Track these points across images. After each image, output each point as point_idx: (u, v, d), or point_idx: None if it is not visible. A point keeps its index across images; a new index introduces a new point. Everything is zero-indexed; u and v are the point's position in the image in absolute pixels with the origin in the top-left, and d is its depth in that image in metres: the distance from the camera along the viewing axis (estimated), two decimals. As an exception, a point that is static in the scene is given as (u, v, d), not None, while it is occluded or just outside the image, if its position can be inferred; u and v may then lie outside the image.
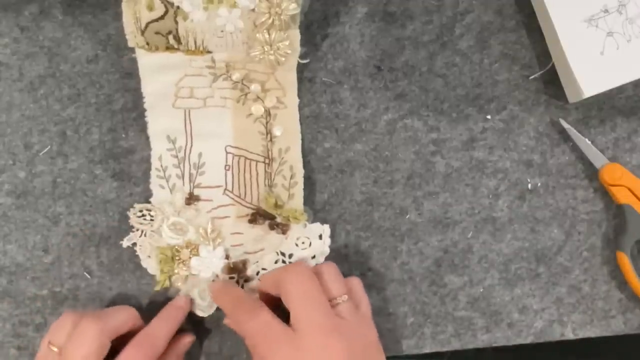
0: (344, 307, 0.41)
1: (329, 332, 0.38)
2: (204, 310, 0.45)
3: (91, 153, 0.47)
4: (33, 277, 0.47)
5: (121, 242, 0.46)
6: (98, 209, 0.47)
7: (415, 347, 0.47)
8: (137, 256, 0.46)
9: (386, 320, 0.47)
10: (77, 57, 0.48)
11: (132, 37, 0.44)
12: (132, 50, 0.47)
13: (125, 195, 0.47)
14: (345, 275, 0.43)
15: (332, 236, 0.46)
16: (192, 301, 0.45)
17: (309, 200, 0.47)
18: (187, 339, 0.45)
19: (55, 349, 0.40)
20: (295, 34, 0.44)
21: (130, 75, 0.48)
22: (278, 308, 0.41)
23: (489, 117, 0.48)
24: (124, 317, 0.43)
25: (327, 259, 0.46)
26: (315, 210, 0.47)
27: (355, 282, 0.44)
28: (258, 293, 0.44)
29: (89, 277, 0.47)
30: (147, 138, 0.47)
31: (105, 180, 0.47)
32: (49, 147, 0.47)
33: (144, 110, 0.47)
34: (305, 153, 0.47)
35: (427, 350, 0.47)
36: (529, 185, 0.48)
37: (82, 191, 0.47)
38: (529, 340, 0.47)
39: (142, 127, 0.47)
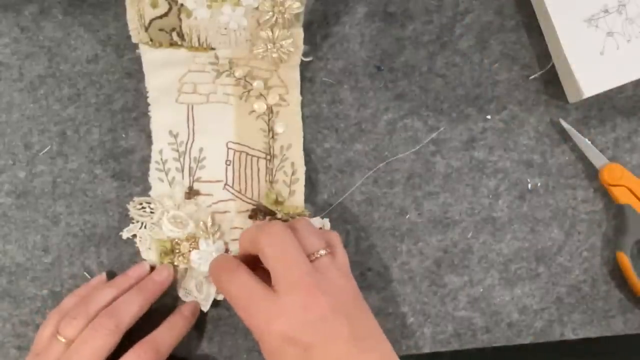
0: (322, 261, 0.39)
1: (310, 290, 0.37)
2: (200, 303, 0.45)
3: (91, 153, 0.47)
4: (33, 277, 0.47)
5: (121, 233, 0.46)
6: (98, 209, 0.47)
7: (415, 347, 0.47)
8: (137, 256, 0.46)
9: (386, 320, 0.47)
10: (77, 57, 0.48)
11: (136, 33, 0.45)
12: (133, 50, 0.47)
13: (125, 195, 0.47)
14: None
15: (332, 236, 0.46)
16: (198, 310, 0.45)
17: (309, 200, 0.47)
18: None
19: (64, 340, 0.41)
20: (299, 33, 0.45)
21: (130, 75, 0.48)
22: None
23: (489, 117, 0.48)
24: (136, 310, 0.42)
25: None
26: (315, 210, 0.47)
27: (333, 236, 0.42)
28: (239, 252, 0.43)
29: (89, 277, 0.47)
30: (147, 138, 0.47)
31: (105, 180, 0.47)
32: (49, 147, 0.47)
33: (144, 110, 0.47)
34: (306, 153, 0.47)
35: (427, 350, 0.47)
36: (529, 185, 0.48)
37: (82, 191, 0.47)
38: (529, 340, 0.47)
39: (142, 127, 0.47)
